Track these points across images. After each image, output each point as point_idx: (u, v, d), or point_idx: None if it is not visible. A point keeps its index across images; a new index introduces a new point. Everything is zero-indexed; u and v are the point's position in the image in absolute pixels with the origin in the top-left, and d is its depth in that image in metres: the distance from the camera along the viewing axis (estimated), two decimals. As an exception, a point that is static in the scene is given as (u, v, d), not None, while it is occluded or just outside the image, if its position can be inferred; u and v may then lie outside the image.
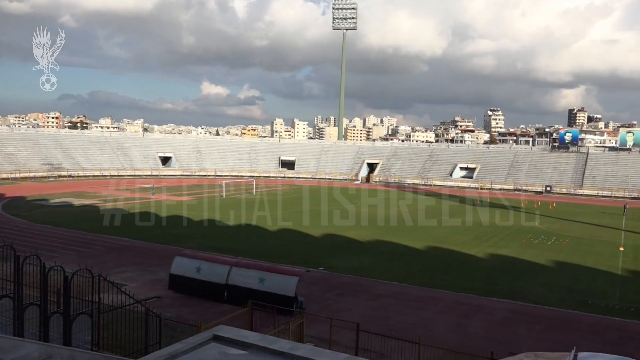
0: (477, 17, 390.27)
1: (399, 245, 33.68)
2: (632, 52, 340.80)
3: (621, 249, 34.18)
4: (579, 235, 39.52)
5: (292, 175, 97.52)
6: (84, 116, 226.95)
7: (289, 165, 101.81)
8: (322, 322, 16.77)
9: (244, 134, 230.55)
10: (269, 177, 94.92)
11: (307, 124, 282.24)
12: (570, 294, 23.11)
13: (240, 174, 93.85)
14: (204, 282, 20.84)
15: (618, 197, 75.29)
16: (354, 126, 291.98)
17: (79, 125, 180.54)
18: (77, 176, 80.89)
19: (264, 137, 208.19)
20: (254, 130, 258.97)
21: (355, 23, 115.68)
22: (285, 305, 18.17)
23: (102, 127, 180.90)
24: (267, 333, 12.26)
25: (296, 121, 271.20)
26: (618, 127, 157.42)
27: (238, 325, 12.84)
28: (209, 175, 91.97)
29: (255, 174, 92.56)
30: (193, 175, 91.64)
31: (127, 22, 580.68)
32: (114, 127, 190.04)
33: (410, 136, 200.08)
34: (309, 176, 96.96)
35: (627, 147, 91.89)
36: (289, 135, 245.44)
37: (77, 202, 51.81)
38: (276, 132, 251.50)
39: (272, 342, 7.85)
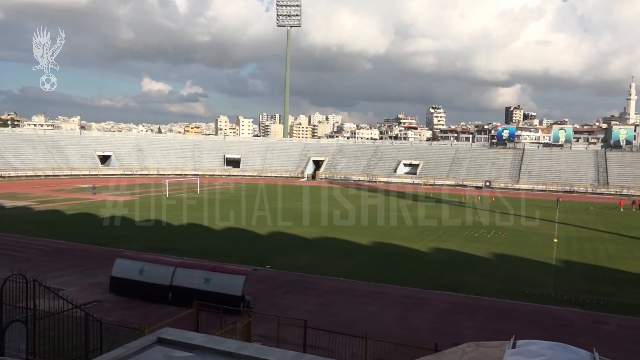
0: (418, 17, 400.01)
1: (345, 241, 33.99)
2: (563, 53, 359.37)
3: (555, 240, 35.90)
4: (517, 228, 41.21)
5: (238, 174, 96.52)
6: (15, 113, 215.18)
7: (234, 163, 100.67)
8: (269, 320, 16.67)
9: (188, 131, 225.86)
10: (213, 175, 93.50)
11: (252, 122, 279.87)
12: (509, 285, 24.05)
13: (184, 173, 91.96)
14: (147, 284, 20.25)
15: (552, 190, 79.10)
16: (300, 124, 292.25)
17: (9, 122, 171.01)
18: (9, 177, 76.82)
19: (208, 134, 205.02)
20: (198, 127, 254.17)
21: (300, 20, 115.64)
22: (232, 304, 17.94)
23: (35, 125, 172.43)
24: (214, 334, 12.05)
25: (241, 118, 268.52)
26: (551, 124, 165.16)
27: (183, 327, 12.55)
28: (151, 175, 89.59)
29: (200, 173, 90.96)
30: (134, 175, 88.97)
31: (60, 15, 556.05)
32: (48, 125, 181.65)
33: (355, 133, 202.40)
34: (254, 174, 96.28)
35: (560, 143, 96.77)
36: (234, 133, 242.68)
37: (8, 204, 49.17)
38: (221, 129, 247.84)
39: (219, 343, 7.72)
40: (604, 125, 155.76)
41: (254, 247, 31.74)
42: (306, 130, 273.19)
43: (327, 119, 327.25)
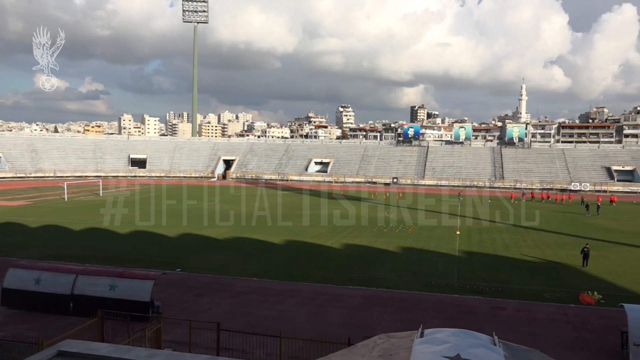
0: (326, 17, 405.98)
1: (258, 240, 33.77)
2: (461, 55, 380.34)
3: (458, 232, 37.94)
4: (423, 222, 43.08)
5: (144, 174, 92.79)
6: None
7: (139, 163, 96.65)
8: (181, 325, 16.17)
9: (88, 130, 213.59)
10: (117, 176, 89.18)
11: (158, 120, 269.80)
12: (417, 277, 25.08)
13: (84, 175, 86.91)
14: (45, 295, 18.87)
15: (454, 185, 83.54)
16: (209, 122, 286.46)
17: None
18: None
19: (111, 134, 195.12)
20: (99, 126, 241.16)
21: (207, 17, 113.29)
22: (141, 311, 17.18)
23: None
24: (121, 342, 11.48)
25: (146, 117, 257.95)
26: (452, 122, 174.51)
27: (87, 338, 11.84)
28: (47, 177, 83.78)
29: (102, 174, 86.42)
30: (28, 177, 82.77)
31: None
32: None
33: (266, 132, 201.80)
34: (162, 174, 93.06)
35: (460, 140, 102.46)
36: (139, 132, 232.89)
37: None
38: (124, 128, 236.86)
39: (126, 352, 7.35)
40: (499, 124, 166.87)
41: (163, 250, 30.65)
42: (216, 129, 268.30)
43: (237, 117, 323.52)
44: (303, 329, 16.81)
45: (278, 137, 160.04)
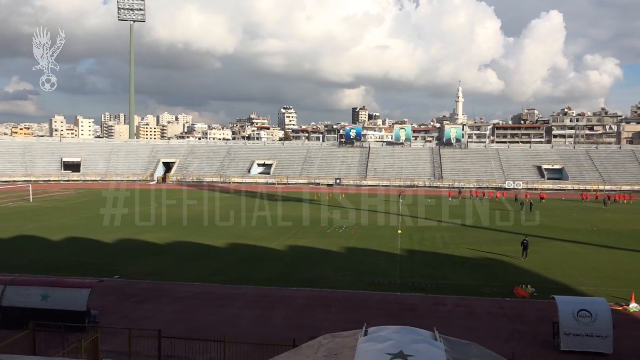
0: (266, 17, 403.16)
1: (200, 244, 33.13)
2: (400, 58, 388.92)
3: (399, 231, 38.71)
4: (365, 222, 43.65)
5: (78, 178, 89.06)
6: None
7: (73, 167, 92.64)
8: (119, 334, 15.59)
9: (16, 132, 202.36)
10: (49, 181, 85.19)
11: (93, 122, 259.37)
12: (360, 276, 25.37)
13: (12, 179, 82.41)
14: (-30, 308, 17.69)
15: (395, 185, 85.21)
16: (147, 124, 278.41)
17: None
18: None
19: (41, 136, 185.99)
20: (29, 128, 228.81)
21: (144, 15, 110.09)
22: (76, 321, 16.44)
23: None
24: (56, 355, 10.94)
25: (80, 118, 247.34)
26: (393, 124, 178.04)
27: (17, 352, 11.22)
28: (-28, 182, 78.80)
29: (32, 179, 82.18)
30: (-50, 183, 77.57)
31: None
32: None
33: (207, 134, 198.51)
34: (97, 178, 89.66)
35: (401, 141, 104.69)
36: (72, 134, 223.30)
37: None
38: (56, 130, 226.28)
39: (60, 365, 6.99)
40: (438, 125, 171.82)
41: (99, 257, 29.48)
42: (155, 131, 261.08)
43: (176, 119, 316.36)
44: (247, 333, 16.63)
45: (219, 139, 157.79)
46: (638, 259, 29.73)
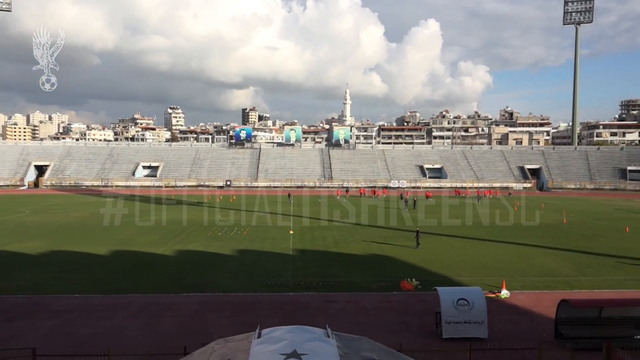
0: (149, 13, 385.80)
1: (79, 253, 30.89)
2: (289, 59, 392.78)
3: (291, 232, 39.01)
4: (257, 224, 43.46)
5: None
6: None
7: None
8: (-15, 356, 14.06)
9: None
10: None
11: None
12: (253, 278, 25.17)
13: None
14: None
15: (286, 186, 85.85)
16: (16, 124, 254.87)
17: None
18: None
19: None
20: None
21: (9, 4, 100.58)
22: None
23: None
24: None
25: None
26: (283, 125, 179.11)
27: None
28: None
29: None
30: None
31: None
32: None
33: (86, 135, 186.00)
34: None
35: (291, 142, 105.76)
36: None
37: None
38: None
39: None
40: (327, 126, 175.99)
41: (-39, 272, 26.38)
42: (24, 132, 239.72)
43: (50, 118, 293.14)
44: (135, 344, 15.79)
45: (100, 140, 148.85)
46: (507, 250, 32.61)
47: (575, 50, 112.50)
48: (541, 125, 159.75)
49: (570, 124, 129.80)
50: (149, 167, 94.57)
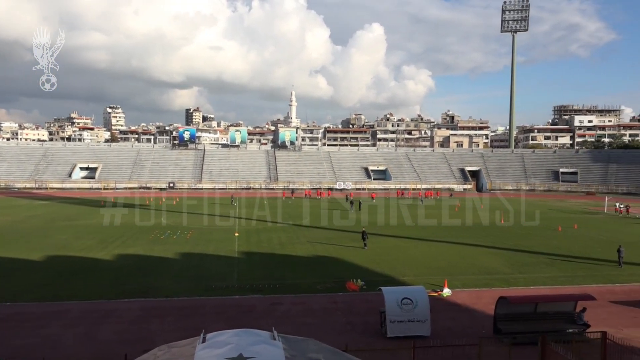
0: (87, 8, 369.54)
1: (10, 259, 29.32)
2: (233, 60, 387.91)
3: (236, 234, 38.58)
4: (201, 227, 42.72)
5: None
6: None
7: None
8: None
9: None
10: None
11: None
12: (197, 282, 24.70)
13: None
14: None
15: (231, 188, 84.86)
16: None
17: None
18: None
19: None
20: None
21: None
22: None
23: None
24: None
25: None
26: (228, 126, 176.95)
27: None
28: None
29: None
30: None
31: None
32: None
33: (17, 134, 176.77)
34: None
35: (237, 144, 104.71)
36: None
37: None
38: None
39: None
40: (273, 128, 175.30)
41: None
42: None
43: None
44: (73, 353, 15.17)
45: (34, 140, 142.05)
46: (449, 250, 33.58)
47: (512, 57, 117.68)
48: (480, 128, 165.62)
49: (508, 127, 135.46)
50: (87, 168, 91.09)
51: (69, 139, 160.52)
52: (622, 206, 58.26)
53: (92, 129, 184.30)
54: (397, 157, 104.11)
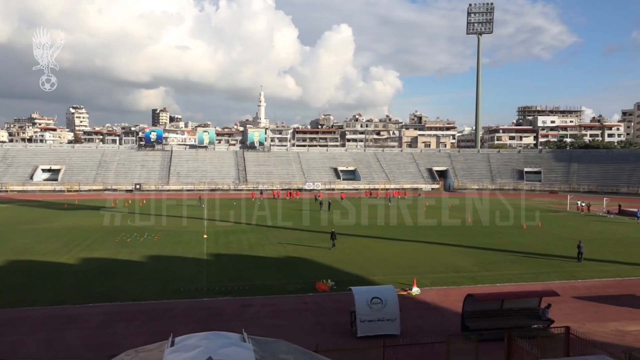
0: (48, 6, 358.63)
1: (-30, 264, 28.32)
2: (201, 60, 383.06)
3: (205, 236, 38.15)
4: (169, 229, 42.10)
5: None
6: None
7: None
8: None
9: None
10: None
11: None
12: (165, 285, 24.31)
13: None
14: None
15: (200, 189, 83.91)
16: None
17: None
18: None
19: None
20: None
21: None
22: None
23: None
24: None
25: None
26: (196, 126, 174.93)
27: None
28: None
29: None
30: None
31: None
32: None
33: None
34: None
35: (205, 144, 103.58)
36: None
37: None
38: None
39: None
40: (241, 128, 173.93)
41: None
42: None
43: None
44: (34, 360, 14.69)
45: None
46: (417, 249, 33.97)
47: (477, 58, 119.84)
48: (447, 129, 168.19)
49: (474, 128, 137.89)
50: (50, 170, 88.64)
51: (30, 140, 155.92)
52: (583, 204, 60.06)
53: (54, 129, 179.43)
54: (366, 157, 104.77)
